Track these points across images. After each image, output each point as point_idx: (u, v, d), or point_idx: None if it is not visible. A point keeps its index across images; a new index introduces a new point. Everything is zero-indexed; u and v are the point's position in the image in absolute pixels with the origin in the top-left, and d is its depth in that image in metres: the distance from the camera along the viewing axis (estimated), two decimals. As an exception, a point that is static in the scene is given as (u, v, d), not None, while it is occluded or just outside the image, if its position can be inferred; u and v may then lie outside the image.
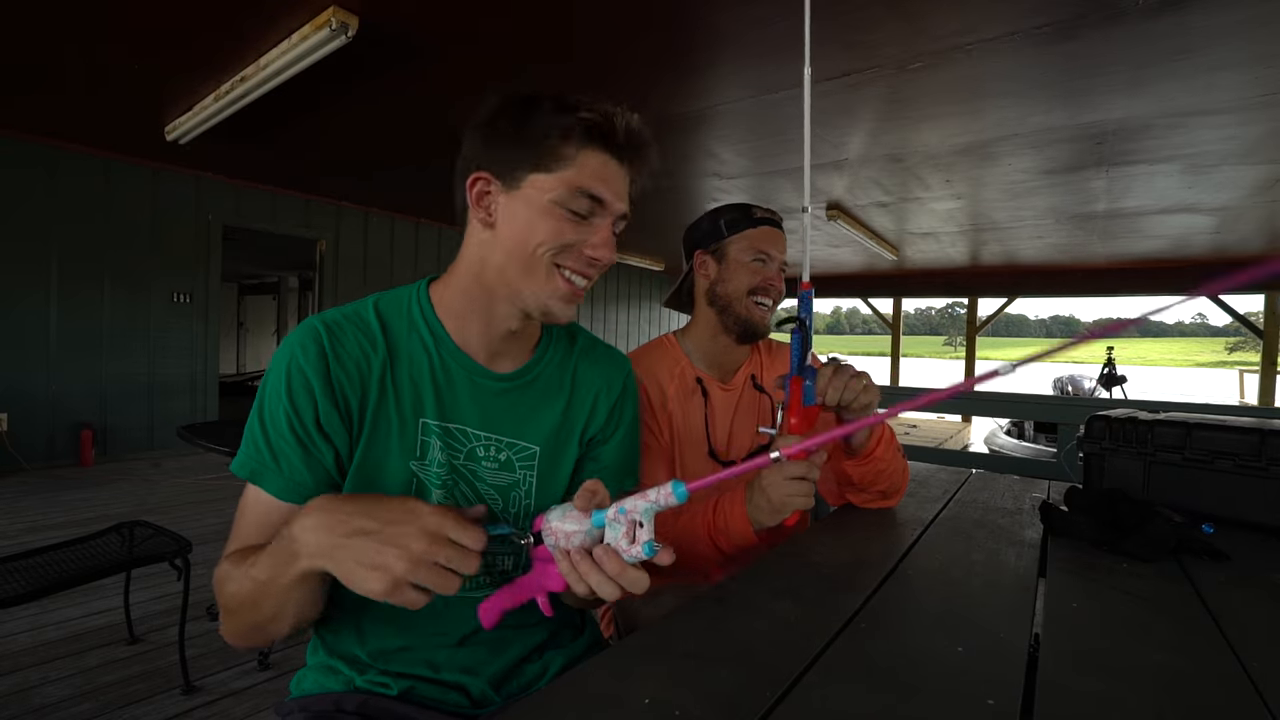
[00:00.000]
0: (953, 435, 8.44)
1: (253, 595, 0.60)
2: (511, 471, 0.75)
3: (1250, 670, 0.58)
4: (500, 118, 0.69)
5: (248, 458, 0.66)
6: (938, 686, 0.54)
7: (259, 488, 0.66)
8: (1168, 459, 1.15)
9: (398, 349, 0.71)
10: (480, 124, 0.70)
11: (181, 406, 5.30)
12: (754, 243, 1.16)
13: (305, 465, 0.66)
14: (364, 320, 0.71)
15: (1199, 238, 6.26)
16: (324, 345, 0.67)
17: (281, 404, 0.65)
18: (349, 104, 3.62)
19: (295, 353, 0.67)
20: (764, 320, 1.16)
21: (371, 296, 0.75)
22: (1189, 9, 2.29)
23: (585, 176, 0.67)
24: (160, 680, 1.83)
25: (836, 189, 5.13)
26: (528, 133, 0.67)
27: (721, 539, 0.95)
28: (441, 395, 0.72)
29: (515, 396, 0.76)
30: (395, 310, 0.74)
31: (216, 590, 0.65)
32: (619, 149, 0.69)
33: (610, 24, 2.64)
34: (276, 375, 0.67)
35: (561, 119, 0.66)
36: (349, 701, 0.70)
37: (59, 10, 2.72)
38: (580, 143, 0.67)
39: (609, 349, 0.88)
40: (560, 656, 0.81)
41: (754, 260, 1.15)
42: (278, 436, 0.65)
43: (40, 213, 4.52)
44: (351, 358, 0.68)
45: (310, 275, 8.75)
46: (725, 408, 1.18)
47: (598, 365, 0.84)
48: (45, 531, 3.17)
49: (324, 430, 0.66)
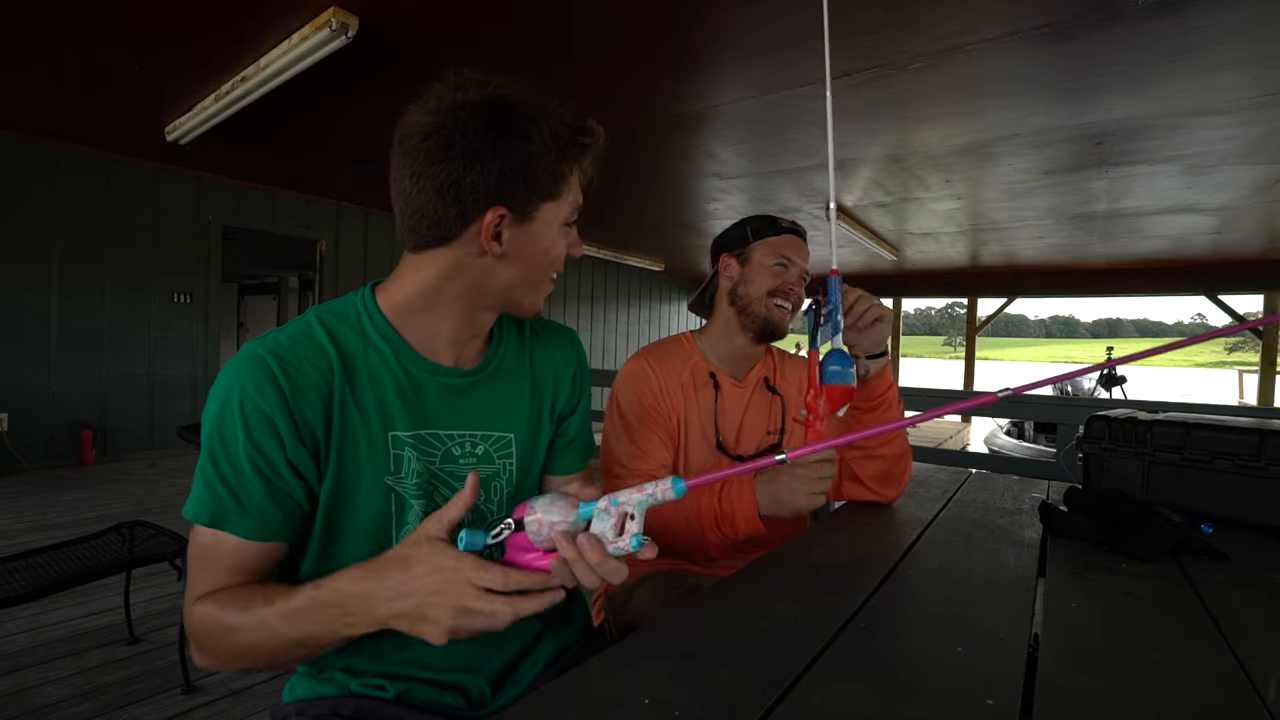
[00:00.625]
0: (952, 435, 8.44)
1: (280, 648, 0.60)
2: (490, 463, 0.75)
3: (1249, 670, 0.58)
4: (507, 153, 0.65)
5: (204, 503, 0.62)
6: (937, 686, 0.54)
7: (221, 531, 0.63)
8: (1167, 459, 1.15)
9: (354, 365, 0.68)
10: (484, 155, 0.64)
11: (182, 406, 5.30)
12: (777, 248, 1.19)
13: (272, 503, 0.63)
14: (314, 340, 0.67)
15: (1199, 238, 6.26)
16: (279, 380, 0.62)
17: (240, 445, 0.61)
18: (349, 104, 3.63)
19: (247, 390, 0.62)
20: (782, 321, 1.19)
21: (310, 311, 0.71)
22: (1189, 9, 2.30)
23: (576, 195, 0.72)
24: (160, 680, 1.83)
25: (837, 189, 5.13)
26: (529, 166, 0.66)
27: (726, 525, 0.97)
28: (409, 404, 0.70)
29: (482, 389, 0.76)
30: (342, 323, 0.70)
31: (208, 634, 0.62)
32: (592, 165, 0.73)
33: (610, 24, 2.64)
34: (229, 415, 0.62)
35: (566, 150, 0.68)
36: (345, 706, 0.69)
37: (59, 10, 2.73)
38: (574, 166, 0.70)
39: (556, 325, 0.90)
40: (550, 645, 0.81)
41: (776, 264, 1.19)
42: (237, 478, 0.62)
43: (40, 212, 4.52)
44: (312, 386, 0.65)
45: (310, 275, 8.75)
46: (736, 403, 1.21)
47: (551, 341, 0.86)
48: (45, 531, 3.17)
49: (294, 468, 0.64)
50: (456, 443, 0.73)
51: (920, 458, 4.10)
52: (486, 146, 0.64)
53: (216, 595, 0.63)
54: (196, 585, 0.64)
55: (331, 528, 0.67)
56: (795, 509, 0.93)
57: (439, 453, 0.72)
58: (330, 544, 0.68)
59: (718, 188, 5.13)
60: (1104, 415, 1.23)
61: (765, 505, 0.96)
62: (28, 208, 4.46)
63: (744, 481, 0.98)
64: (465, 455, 0.74)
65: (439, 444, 0.72)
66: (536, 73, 3.09)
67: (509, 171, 0.65)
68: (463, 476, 0.73)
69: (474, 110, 0.64)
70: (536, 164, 0.66)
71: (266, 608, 0.60)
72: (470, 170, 0.64)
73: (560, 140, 0.67)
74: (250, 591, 0.63)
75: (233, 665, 0.64)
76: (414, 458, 0.69)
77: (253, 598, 0.61)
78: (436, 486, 0.71)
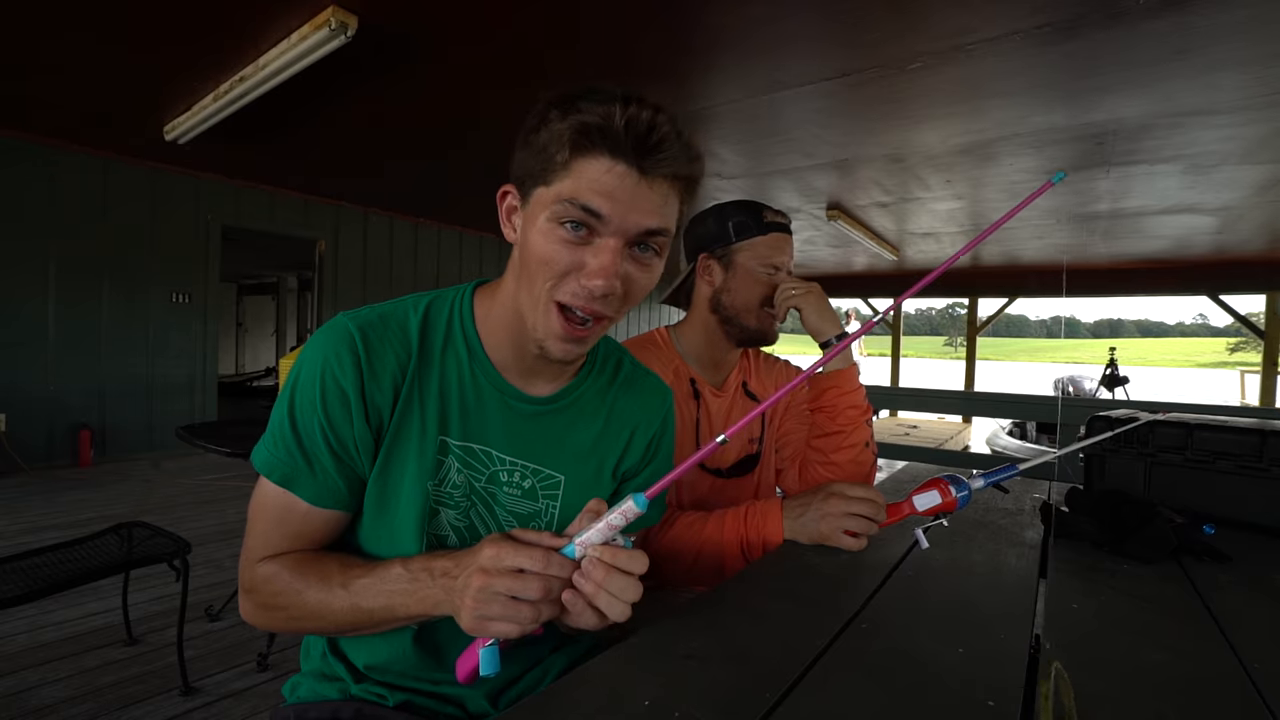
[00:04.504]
0: (953, 436, 8.43)
1: (349, 616, 0.61)
2: (534, 500, 0.71)
3: (1251, 671, 0.58)
4: (527, 124, 0.62)
5: (278, 460, 0.63)
6: (938, 687, 0.53)
7: (290, 492, 0.64)
8: (1169, 460, 1.14)
9: (430, 360, 0.67)
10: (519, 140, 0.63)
11: (181, 407, 5.30)
12: (765, 253, 1.11)
13: (339, 473, 0.64)
14: (403, 326, 0.67)
15: (1200, 238, 6.26)
16: (359, 356, 0.63)
17: (316, 416, 0.62)
18: (349, 104, 3.63)
19: (330, 361, 0.62)
20: (775, 330, 1.15)
21: (426, 296, 0.70)
22: (1190, 8, 2.29)
23: (581, 186, 0.56)
24: (158, 681, 1.82)
25: (836, 189, 5.13)
26: (534, 140, 0.60)
27: (754, 551, 0.94)
28: (469, 414, 0.68)
29: (547, 421, 0.71)
30: (437, 316, 0.69)
31: (273, 593, 0.64)
32: (626, 151, 0.56)
33: (611, 24, 2.64)
34: (310, 381, 0.63)
35: (559, 122, 0.57)
36: (345, 710, 0.69)
37: (59, 10, 2.72)
38: (575, 147, 0.56)
39: (651, 378, 0.82)
40: (562, 659, 0.79)
41: (766, 271, 1.11)
42: (312, 445, 0.63)
43: (40, 213, 4.52)
44: (388, 371, 0.64)
45: (309, 275, 8.76)
46: (719, 414, 1.16)
47: (639, 396, 0.79)
48: (43, 532, 3.16)
49: (358, 447, 0.64)
50: (505, 468, 0.70)
51: (921, 458, 4.10)
52: (521, 133, 0.63)
53: (286, 558, 0.65)
54: (260, 543, 0.66)
55: (375, 515, 0.67)
56: (816, 536, 0.89)
57: (486, 472, 0.69)
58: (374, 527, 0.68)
59: (718, 188, 5.13)
60: (1105, 416, 1.23)
61: (790, 530, 0.91)
62: (28, 208, 4.46)
63: (771, 506, 0.95)
64: (511, 484, 0.70)
65: (489, 463, 0.69)
66: (536, 74, 3.09)
67: (519, 146, 0.62)
68: (503, 503, 0.70)
69: None
70: (534, 139, 0.60)
71: (344, 576, 0.62)
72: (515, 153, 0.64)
73: (560, 110, 0.58)
74: (325, 559, 0.65)
75: (287, 627, 0.65)
76: (457, 468, 0.68)
77: (328, 565, 0.63)
78: (474, 504, 0.69)
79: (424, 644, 0.69)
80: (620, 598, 0.54)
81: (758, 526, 0.93)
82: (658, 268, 0.63)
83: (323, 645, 0.73)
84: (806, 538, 0.90)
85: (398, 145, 4.40)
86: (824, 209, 5.70)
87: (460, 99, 3.42)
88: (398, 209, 6.71)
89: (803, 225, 6.47)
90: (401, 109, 3.63)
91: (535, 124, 0.60)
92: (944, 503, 0.82)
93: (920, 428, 8.87)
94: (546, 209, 0.58)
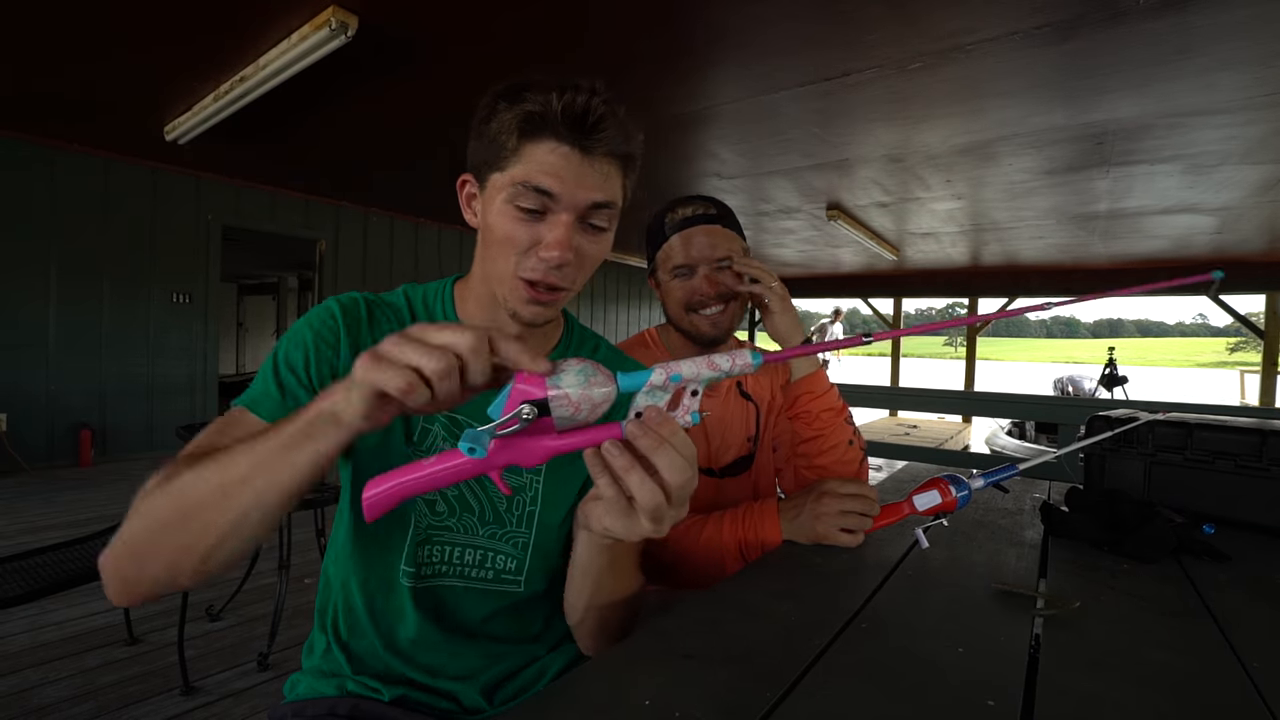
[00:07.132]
0: (953, 435, 8.42)
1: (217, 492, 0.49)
2: (518, 474, 0.74)
3: (1251, 671, 0.58)
4: (477, 116, 0.68)
5: (251, 392, 0.64)
6: (938, 687, 0.54)
7: (249, 410, 0.62)
8: (1168, 459, 1.15)
9: None
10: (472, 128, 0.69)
11: (181, 407, 5.30)
12: (671, 258, 1.08)
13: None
14: (395, 306, 0.74)
15: (1200, 238, 6.26)
16: (362, 319, 0.69)
17: (302, 348, 0.66)
18: (349, 104, 3.62)
19: (334, 310, 0.68)
20: (713, 329, 1.08)
21: (400, 287, 0.77)
22: (1190, 9, 2.29)
23: (531, 169, 0.62)
24: (159, 681, 1.82)
25: (836, 189, 5.13)
26: (486, 130, 0.65)
27: (752, 552, 0.94)
28: None
29: None
30: (423, 301, 0.76)
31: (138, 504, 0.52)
32: (568, 134, 0.61)
33: (611, 24, 2.64)
34: (300, 327, 0.67)
35: (506, 112, 0.63)
36: (342, 706, 0.69)
37: (59, 10, 2.72)
38: (523, 134, 0.62)
39: (630, 362, 0.84)
40: (560, 658, 0.80)
41: (675, 278, 1.09)
42: (289, 377, 0.65)
43: (40, 213, 4.52)
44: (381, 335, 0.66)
45: (310, 275, 8.76)
46: (713, 417, 1.15)
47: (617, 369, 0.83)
48: (44, 532, 3.17)
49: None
50: None
51: (921, 458, 4.11)
52: (474, 124, 0.68)
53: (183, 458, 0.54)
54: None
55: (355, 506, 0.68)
56: (813, 536, 0.89)
57: None
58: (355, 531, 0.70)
59: (718, 188, 5.13)
60: (1105, 415, 1.23)
61: (788, 530, 0.92)
62: (28, 208, 4.46)
63: (766, 506, 0.95)
64: None
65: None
66: (537, 73, 3.09)
67: (473, 136, 0.68)
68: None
69: None
70: (486, 129, 0.65)
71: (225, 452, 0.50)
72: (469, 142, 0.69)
73: (508, 101, 0.64)
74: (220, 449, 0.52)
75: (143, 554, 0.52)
76: (442, 437, 0.71)
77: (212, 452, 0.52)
78: None
79: (422, 639, 0.70)
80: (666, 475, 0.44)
81: (755, 528, 0.94)
82: (607, 239, 0.69)
83: (326, 641, 0.74)
84: (804, 538, 0.91)
85: (398, 145, 4.40)
86: (824, 209, 5.70)
87: (460, 99, 3.42)
88: (398, 209, 6.71)
89: (802, 225, 6.46)
90: (402, 108, 3.64)
91: (485, 115, 0.66)
92: (944, 502, 0.82)
93: (920, 427, 8.86)
94: (502, 192, 0.64)
